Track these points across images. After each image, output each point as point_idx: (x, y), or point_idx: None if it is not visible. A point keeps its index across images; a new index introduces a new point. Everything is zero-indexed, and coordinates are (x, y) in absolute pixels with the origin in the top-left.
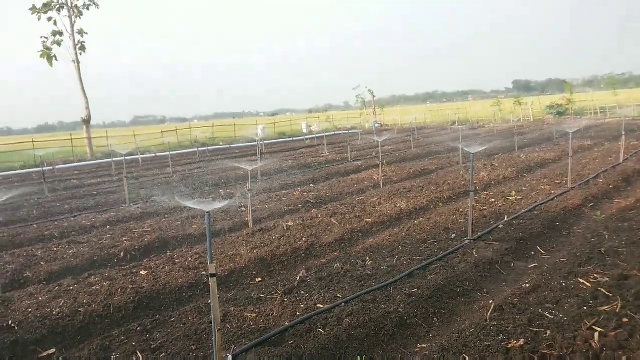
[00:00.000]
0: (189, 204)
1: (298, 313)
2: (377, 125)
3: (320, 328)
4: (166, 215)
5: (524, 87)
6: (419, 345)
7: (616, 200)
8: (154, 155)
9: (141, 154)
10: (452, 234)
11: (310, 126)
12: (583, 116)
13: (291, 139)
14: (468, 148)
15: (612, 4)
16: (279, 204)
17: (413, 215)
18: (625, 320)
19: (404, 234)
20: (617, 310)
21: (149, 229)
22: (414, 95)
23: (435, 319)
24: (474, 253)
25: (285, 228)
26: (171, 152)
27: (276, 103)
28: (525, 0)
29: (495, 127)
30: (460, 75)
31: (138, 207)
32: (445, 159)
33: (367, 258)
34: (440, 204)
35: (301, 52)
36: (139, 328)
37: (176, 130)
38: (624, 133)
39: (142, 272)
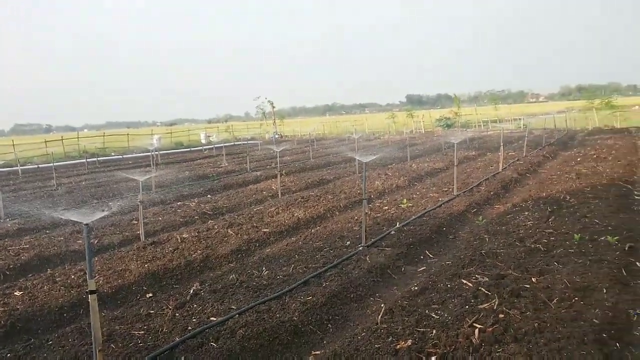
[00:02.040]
0: (67, 216)
1: (190, 327)
2: (276, 136)
3: (212, 341)
4: (47, 231)
5: (416, 101)
6: (313, 352)
7: (496, 206)
8: (36, 166)
9: (21, 165)
10: (347, 241)
11: (209, 136)
12: (468, 128)
13: (189, 149)
14: (361, 158)
15: (494, 28)
16: (173, 215)
17: (310, 224)
18: (501, 316)
19: (300, 242)
20: (495, 307)
21: (27, 246)
22: (314, 107)
23: (329, 325)
24: (367, 259)
25: (179, 240)
26: (56, 163)
27: (175, 113)
28: (416, 20)
29: (390, 138)
30: (358, 88)
31: (15, 223)
32: (342, 168)
33: (264, 268)
34: (337, 213)
35: (201, 60)
36: (9, 354)
37: (62, 139)
38: (502, 144)
39: (17, 293)
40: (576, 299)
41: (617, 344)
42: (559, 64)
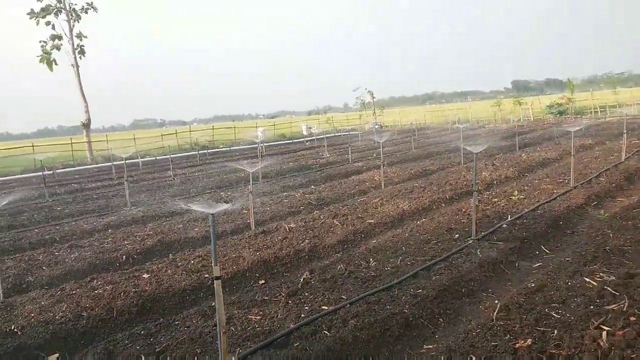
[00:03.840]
0: (193, 206)
1: (302, 315)
2: (376, 126)
3: (325, 330)
4: (167, 219)
5: (523, 87)
6: (424, 346)
7: (619, 199)
8: (154, 158)
9: (141, 158)
10: (455, 234)
11: (310, 128)
12: (583, 115)
13: (291, 140)
14: (470, 147)
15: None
16: (280, 205)
17: (415, 216)
18: (632, 319)
19: (407, 234)
20: (624, 309)
21: (151, 232)
22: (413, 97)
23: (440, 319)
24: (478, 253)
25: (287, 230)
26: (171, 155)
27: (276, 105)
28: (522, 2)
29: (496, 127)
30: (460, 75)
31: (139, 211)
32: (445, 159)
33: (371, 259)
34: (443, 204)
35: (300, 53)
36: (142, 332)
37: (176, 133)
38: (625, 132)
39: (145, 276)
40: None
41: None
42: None
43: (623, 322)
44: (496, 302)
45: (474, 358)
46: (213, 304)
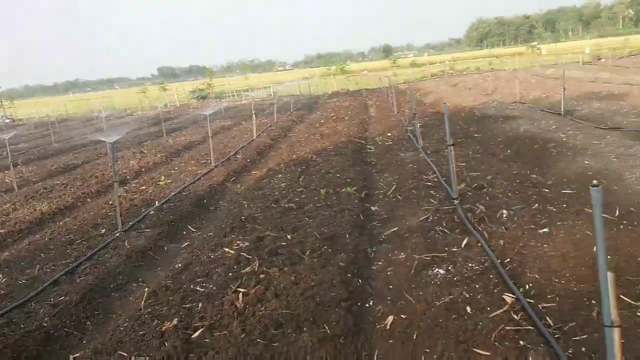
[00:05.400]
0: None
1: None
2: (7, 120)
3: None
4: None
5: (169, 74)
6: (71, 356)
7: (253, 172)
8: None
9: None
10: (102, 229)
11: None
12: (223, 99)
13: None
14: (104, 138)
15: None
16: None
17: (57, 217)
18: (262, 276)
19: (47, 239)
20: (256, 269)
21: None
22: (53, 85)
23: (88, 322)
24: (126, 244)
25: None
26: None
27: None
28: None
29: (144, 114)
30: (107, 61)
31: None
32: (92, 150)
33: (0, 275)
34: (89, 200)
35: None
36: None
37: None
38: (254, 112)
39: None
40: (325, 247)
41: (359, 280)
42: (303, 32)
43: (255, 281)
44: (145, 290)
45: (123, 354)
46: None
